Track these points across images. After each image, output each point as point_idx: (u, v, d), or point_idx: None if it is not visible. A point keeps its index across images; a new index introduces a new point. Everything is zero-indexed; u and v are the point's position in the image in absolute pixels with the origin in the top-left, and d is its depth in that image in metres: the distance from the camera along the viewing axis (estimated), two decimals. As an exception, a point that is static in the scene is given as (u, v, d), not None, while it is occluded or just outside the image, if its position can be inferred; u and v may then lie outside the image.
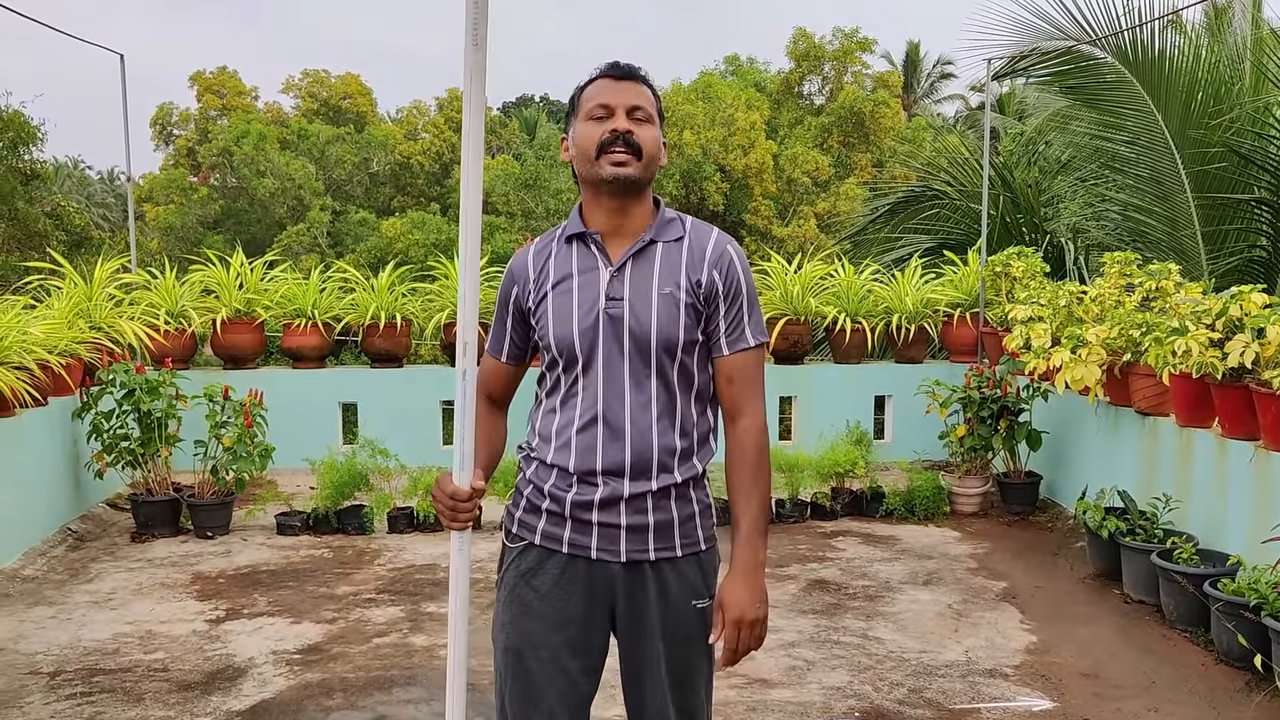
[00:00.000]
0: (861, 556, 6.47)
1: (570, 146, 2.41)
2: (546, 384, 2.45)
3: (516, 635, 2.40)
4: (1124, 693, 4.47)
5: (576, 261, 2.38)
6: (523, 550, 2.42)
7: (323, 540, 6.82)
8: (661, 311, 2.32)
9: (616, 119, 2.33)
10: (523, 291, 2.43)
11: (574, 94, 2.44)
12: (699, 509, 2.43)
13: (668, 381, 2.35)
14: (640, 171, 2.33)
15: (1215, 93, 9.45)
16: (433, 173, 33.25)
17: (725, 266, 2.38)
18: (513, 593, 2.42)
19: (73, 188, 32.06)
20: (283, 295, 8.50)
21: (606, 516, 2.34)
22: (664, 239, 2.38)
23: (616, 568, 2.36)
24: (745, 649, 2.35)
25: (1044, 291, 7.39)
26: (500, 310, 2.49)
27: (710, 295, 2.36)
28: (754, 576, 2.35)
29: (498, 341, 2.51)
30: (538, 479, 2.41)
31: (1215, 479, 5.52)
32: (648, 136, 2.34)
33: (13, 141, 15.68)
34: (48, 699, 4.42)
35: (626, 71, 2.38)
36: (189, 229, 29.23)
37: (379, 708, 4.32)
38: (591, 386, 2.34)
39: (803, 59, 30.69)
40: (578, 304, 2.34)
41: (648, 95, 2.38)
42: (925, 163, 14.53)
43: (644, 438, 2.33)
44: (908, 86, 36.47)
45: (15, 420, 6.28)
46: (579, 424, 2.34)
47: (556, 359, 2.37)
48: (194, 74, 34.45)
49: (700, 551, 2.43)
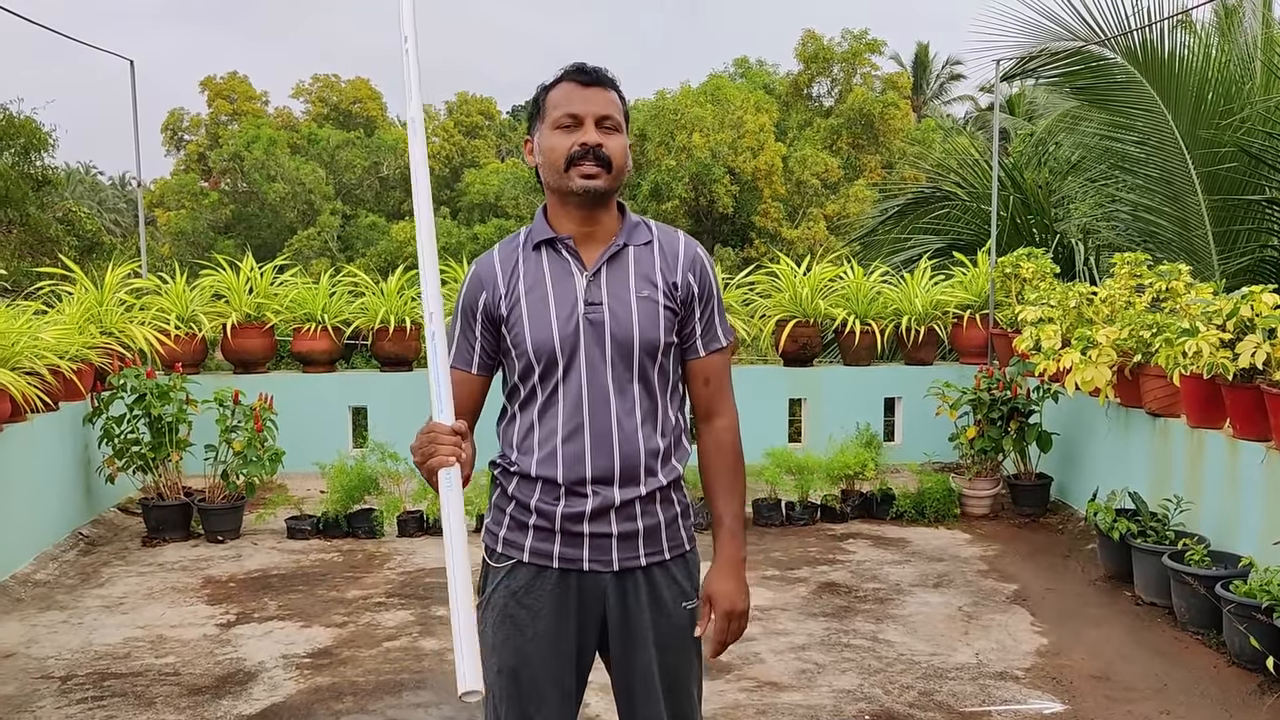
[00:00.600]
0: (872, 559, 6.46)
1: (536, 153, 2.36)
2: (520, 395, 2.37)
3: (511, 655, 2.35)
4: (1136, 695, 4.45)
5: (549, 267, 2.34)
6: (510, 569, 2.37)
7: (333, 544, 6.83)
8: (642, 314, 2.31)
9: (585, 131, 2.27)
10: (493, 298, 2.35)
11: (538, 94, 2.36)
12: (680, 510, 2.43)
13: (649, 384, 2.34)
14: (610, 184, 2.30)
15: (1226, 92, 9.42)
16: (442, 176, 33.32)
17: (699, 270, 2.39)
18: (503, 613, 2.36)
19: (84, 193, 32.24)
20: (293, 300, 8.52)
21: (598, 526, 2.31)
22: (634, 243, 2.37)
23: (608, 577, 2.34)
24: (732, 639, 2.44)
25: (1054, 293, 7.36)
26: (466, 319, 2.39)
27: (687, 298, 2.37)
28: (739, 569, 2.42)
29: (466, 353, 2.39)
30: (521, 494, 2.35)
31: (1227, 480, 5.50)
32: (616, 147, 2.30)
33: (24, 148, 15.75)
34: (59, 703, 4.43)
35: (594, 77, 2.31)
36: (200, 234, 29.34)
37: (389, 712, 4.32)
38: (573, 394, 2.30)
39: (811, 61, 30.67)
40: (555, 310, 2.30)
41: (615, 102, 2.32)
42: (935, 164, 14.53)
43: (630, 442, 2.30)
44: (917, 88, 36.43)
45: (27, 425, 6.31)
46: (563, 433, 2.30)
47: (533, 366, 2.31)
48: (205, 79, 34.61)
49: (686, 552, 2.44)
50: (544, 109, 2.33)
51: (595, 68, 2.32)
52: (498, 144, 36.41)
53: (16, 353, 6.06)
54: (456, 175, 32.75)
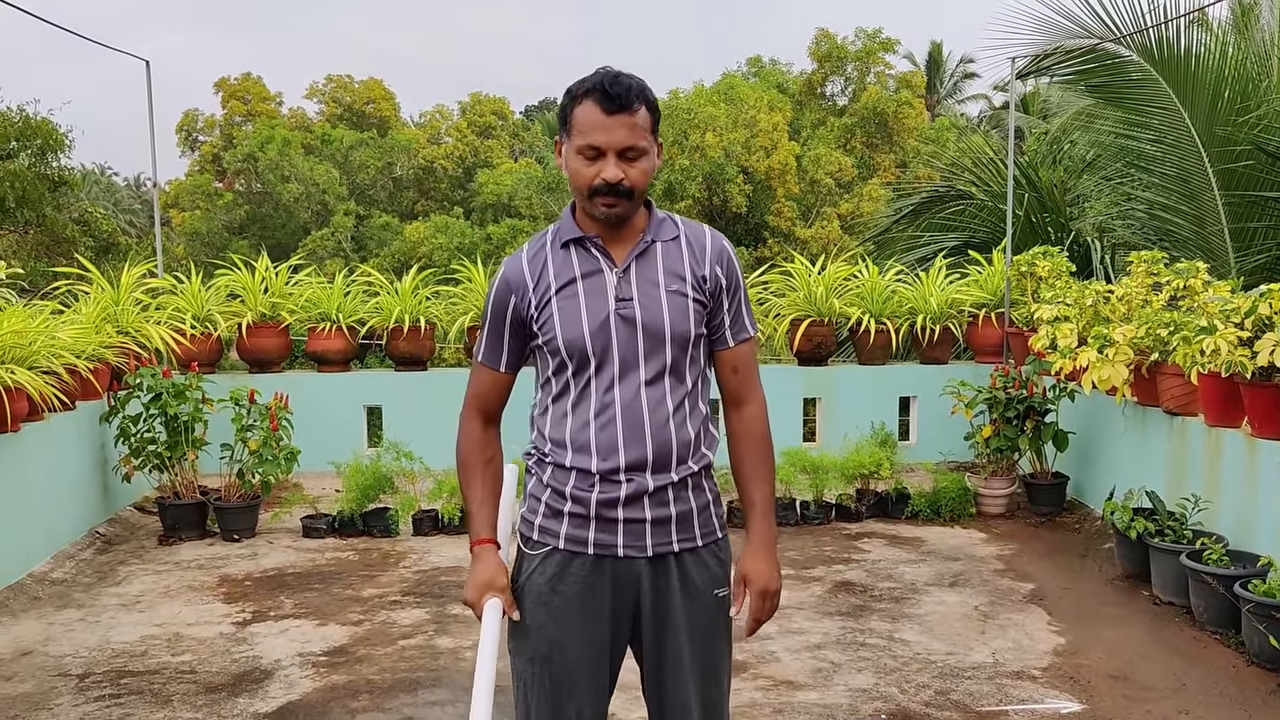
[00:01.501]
0: (887, 558, 6.44)
1: (564, 164, 2.37)
2: (553, 388, 2.43)
3: (545, 642, 2.39)
4: (1154, 695, 4.43)
5: (578, 265, 2.38)
6: (545, 556, 2.41)
7: (348, 543, 6.84)
8: (672, 308, 2.36)
9: (607, 166, 2.28)
10: (521, 300, 2.40)
11: (565, 102, 2.34)
12: (711, 498, 2.48)
13: (680, 375, 2.38)
14: (631, 210, 2.35)
15: (1242, 90, 9.37)
16: (456, 177, 33.36)
17: (726, 263, 2.44)
18: (537, 599, 2.40)
19: (99, 195, 32.36)
20: (307, 299, 8.54)
21: (632, 512, 2.36)
22: (662, 238, 2.41)
23: (642, 563, 2.38)
24: (766, 618, 2.52)
25: (1070, 291, 7.33)
26: (496, 321, 2.44)
27: (715, 291, 2.42)
28: (772, 550, 2.51)
29: (495, 353, 2.46)
30: (556, 483, 2.40)
31: (1245, 479, 5.46)
32: (638, 174, 2.31)
33: (41, 149, 15.79)
34: (76, 700, 4.45)
35: (618, 103, 2.26)
36: (214, 234, 29.43)
37: (405, 710, 4.32)
38: (605, 387, 2.35)
39: (825, 60, 30.59)
40: (586, 307, 2.34)
41: (639, 125, 2.29)
42: (949, 163, 14.50)
43: (662, 431, 2.35)
44: (931, 86, 36.30)
45: (44, 424, 6.33)
46: (597, 424, 2.35)
47: (566, 362, 2.36)
48: (219, 80, 34.70)
49: (717, 539, 2.49)
50: (569, 124, 2.33)
51: (621, 89, 2.27)
52: (511, 144, 36.43)
53: (34, 352, 6.09)
54: (469, 175, 32.77)
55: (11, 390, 5.72)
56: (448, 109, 36.46)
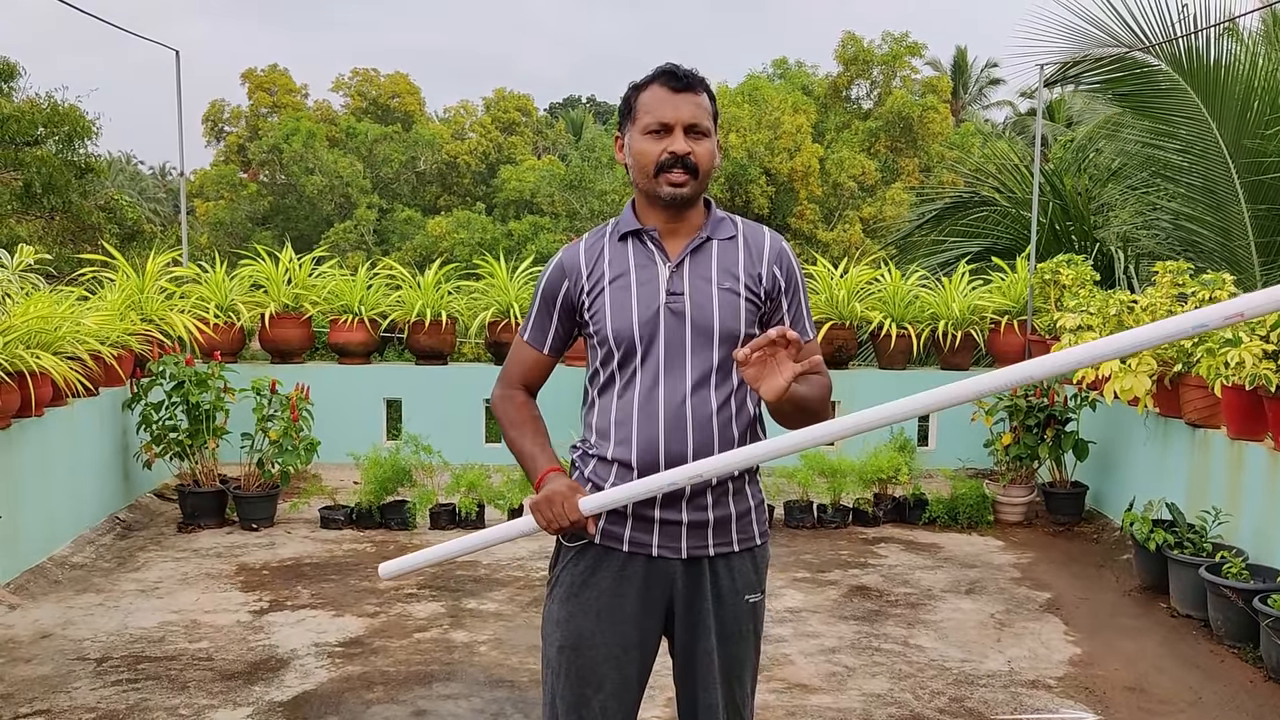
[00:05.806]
0: (903, 563, 6.42)
1: (626, 155, 2.41)
2: (600, 380, 2.44)
3: (573, 633, 2.40)
4: (1170, 708, 4.41)
5: (633, 257, 2.40)
6: (581, 549, 2.43)
7: (365, 535, 6.87)
8: (722, 305, 2.35)
9: (675, 140, 2.31)
10: (574, 286, 2.42)
11: (629, 94, 2.40)
12: (754, 504, 2.47)
13: (727, 373, 2.37)
14: (696, 190, 2.35)
15: (1272, 102, 9.29)
16: (479, 172, 33.41)
17: (784, 263, 2.44)
18: (569, 591, 2.42)
19: (124, 183, 32.55)
20: (330, 291, 8.58)
21: (669, 513, 2.36)
22: (719, 236, 2.42)
23: (676, 564, 2.39)
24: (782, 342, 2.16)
25: (1094, 300, 7.29)
26: (545, 304, 2.48)
27: (773, 291, 2.41)
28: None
29: (541, 334, 2.50)
30: (597, 477, 2.41)
31: (1267, 493, 5.43)
32: (704, 153, 2.34)
33: (68, 135, 15.88)
34: (94, 684, 4.49)
35: (685, 82, 2.34)
36: (238, 224, 29.54)
37: (419, 702, 4.34)
38: (650, 380, 2.35)
39: (851, 63, 30.49)
40: (637, 299, 2.35)
41: (705, 106, 2.36)
42: (973, 168, 14.41)
43: (705, 430, 2.33)
44: (956, 92, 36.18)
45: (67, 409, 6.38)
46: (639, 418, 2.35)
47: (613, 352, 2.37)
48: (245, 71, 34.83)
49: (755, 546, 2.47)
50: (634, 110, 2.37)
51: (686, 71, 2.35)
52: (534, 140, 36.47)
53: (59, 337, 6.13)
54: (493, 171, 32.79)
55: (36, 375, 5.76)
56: (472, 104, 36.53)
